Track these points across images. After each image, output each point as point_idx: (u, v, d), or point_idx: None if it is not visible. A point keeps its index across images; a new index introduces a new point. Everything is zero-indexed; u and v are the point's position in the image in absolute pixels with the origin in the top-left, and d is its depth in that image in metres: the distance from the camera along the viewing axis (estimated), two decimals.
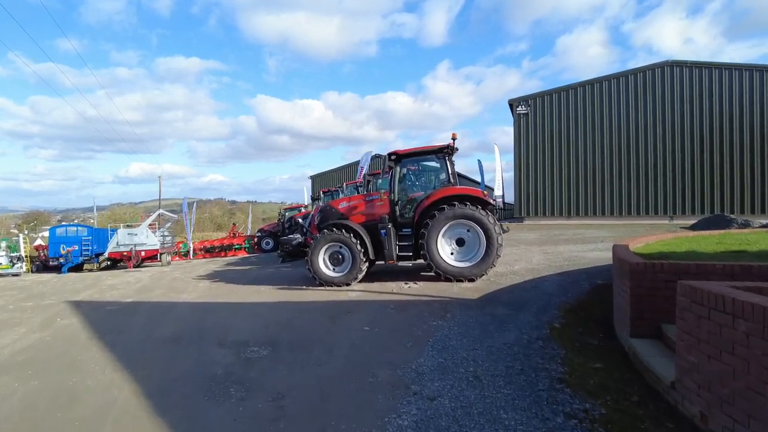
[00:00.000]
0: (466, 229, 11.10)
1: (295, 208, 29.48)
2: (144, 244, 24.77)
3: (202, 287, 12.63)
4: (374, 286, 10.86)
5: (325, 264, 11.40)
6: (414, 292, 9.89)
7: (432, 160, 11.57)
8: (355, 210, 11.77)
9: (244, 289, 11.64)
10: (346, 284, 11.17)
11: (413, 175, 11.94)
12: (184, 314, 9.27)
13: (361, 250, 11.05)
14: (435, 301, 8.91)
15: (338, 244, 11.28)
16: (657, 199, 20.16)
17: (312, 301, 9.51)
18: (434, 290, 9.93)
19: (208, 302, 10.29)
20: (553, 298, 8.89)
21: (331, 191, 23.26)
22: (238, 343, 6.89)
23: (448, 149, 11.26)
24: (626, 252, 7.22)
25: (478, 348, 6.14)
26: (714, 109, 19.31)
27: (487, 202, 11.00)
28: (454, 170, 11.42)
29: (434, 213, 10.78)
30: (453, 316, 7.71)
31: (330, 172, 38.88)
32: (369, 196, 11.90)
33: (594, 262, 12.37)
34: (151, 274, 17.54)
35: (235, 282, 13.14)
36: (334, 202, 12.10)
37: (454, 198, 10.87)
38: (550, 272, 11.48)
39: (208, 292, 11.63)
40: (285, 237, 12.30)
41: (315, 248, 11.23)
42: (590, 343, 6.20)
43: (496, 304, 8.53)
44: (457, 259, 11.12)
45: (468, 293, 9.53)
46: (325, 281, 11.20)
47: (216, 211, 71.89)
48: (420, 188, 11.76)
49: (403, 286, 10.59)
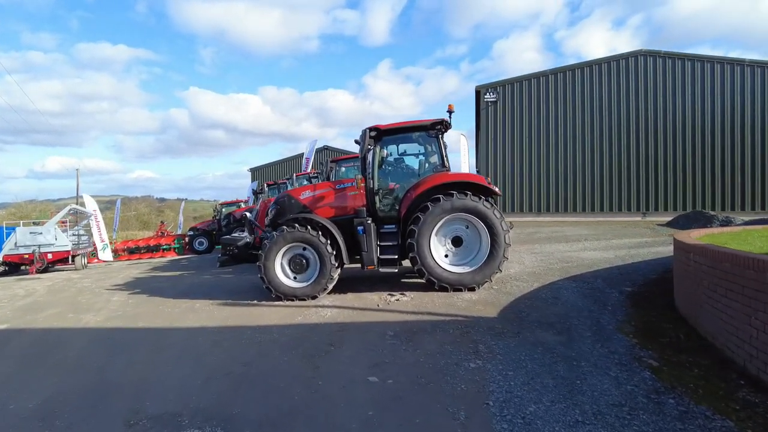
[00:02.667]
0: (465, 226, 8.70)
1: (232, 204, 26.01)
2: (51, 245, 20.37)
3: (116, 303, 9.39)
4: (349, 299, 8.20)
5: (284, 271, 8.60)
6: (407, 307, 7.35)
7: (420, 139, 9.09)
8: (322, 201, 9.06)
9: (174, 306, 8.56)
10: (312, 297, 8.43)
11: (397, 158, 9.40)
12: (79, 354, 6.05)
13: (332, 253, 8.35)
14: (446, 322, 6.41)
15: (301, 245, 8.52)
16: (630, 196, 18.82)
17: (273, 326, 6.62)
18: (433, 305, 7.44)
19: (121, 329, 7.13)
20: (594, 315, 6.66)
21: (278, 184, 20.23)
22: (164, 419, 3.95)
23: (442, 125, 8.81)
24: None
25: (579, 415, 3.64)
26: (687, 101, 18.17)
27: (490, 191, 8.68)
28: (446, 152, 9.01)
29: (427, 205, 8.29)
30: (490, 349, 5.22)
31: (271, 164, 35.51)
32: (340, 184, 9.22)
33: (597, 264, 10.41)
34: (53, 282, 13.72)
35: (161, 294, 10.01)
36: (295, 192, 9.32)
37: (450, 186, 8.45)
38: (555, 277, 9.35)
39: (123, 311, 8.44)
40: (228, 236, 9.40)
41: (270, 250, 8.40)
42: (740, 396, 3.89)
43: (530, 325, 6.17)
44: (453, 262, 8.69)
45: (481, 308, 7.13)
46: (285, 294, 8.39)
47: (143, 208, 65.62)
48: (404, 175, 9.22)
49: (389, 298, 8.01)
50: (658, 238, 14.27)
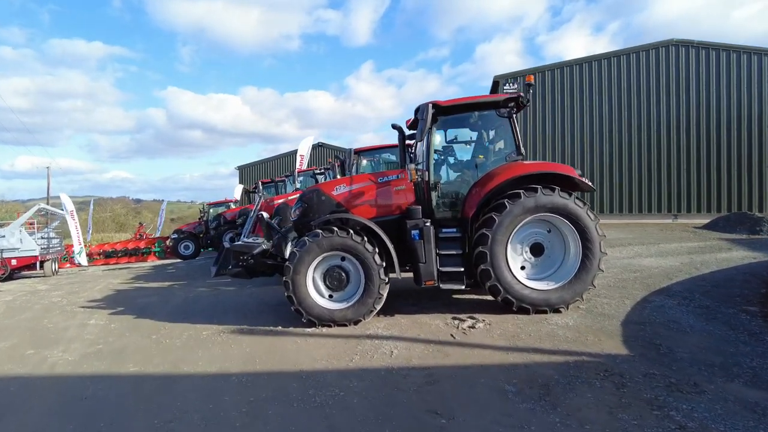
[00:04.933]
0: (546, 229, 6.79)
1: (221, 204, 23.59)
2: (15, 249, 17.68)
3: (93, 328, 7.13)
4: (405, 325, 6.13)
5: (316, 287, 6.56)
6: (495, 339, 5.32)
7: (487, 119, 7.13)
8: (361, 198, 7.02)
9: (172, 335, 6.32)
10: (355, 322, 6.41)
11: (456, 143, 7.41)
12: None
13: (381, 264, 6.37)
14: (572, 365, 4.37)
15: (340, 255, 6.48)
16: (660, 196, 17.08)
17: (325, 372, 4.55)
18: (527, 335, 5.42)
19: (103, 377, 4.84)
20: (755, 348, 4.89)
21: (275, 182, 18.04)
22: None
23: (517, 102, 6.91)
24: None
25: None
26: (722, 94, 16.40)
27: (580, 186, 6.81)
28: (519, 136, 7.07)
29: (503, 203, 6.34)
30: (688, 417, 3.31)
31: (260, 162, 33.03)
32: (382, 177, 7.21)
33: (671, 274, 8.64)
34: (14, 297, 11.13)
35: (152, 314, 7.76)
36: (326, 186, 7.25)
37: (531, 179, 6.54)
38: (640, 291, 7.50)
39: (103, 342, 6.15)
40: (241, 242, 7.29)
41: (301, 261, 6.31)
42: None
43: (692, 369, 4.23)
44: (531, 275, 6.76)
45: (595, 340, 5.17)
46: (319, 318, 6.28)
47: (119, 209, 61.91)
48: (467, 165, 7.23)
49: (461, 325, 6.03)
50: (707, 242, 12.65)
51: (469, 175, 6.88)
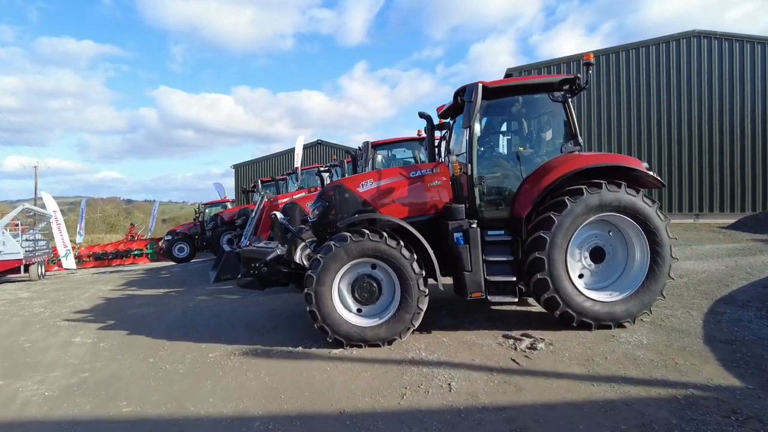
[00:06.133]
0: (607, 231, 5.86)
1: (217, 204, 22.43)
2: None
3: (78, 348, 6.03)
4: (452, 346, 5.06)
5: (342, 300, 5.57)
6: (566, 365, 4.31)
7: (540, 103, 6.16)
8: (391, 195, 6.00)
9: (173, 358, 5.26)
10: (389, 342, 5.44)
11: (505, 133, 6.44)
12: None
13: (420, 273, 5.39)
14: (680, 402, 3.42)
15: (370, 262, 5.51)
16: (681, 195, 16.05)
17: (368, 415, 3.53)
18: (602, 358, 4.48)
19: (87, 422, 3.80)
20: None
21: (276, 180, 16.98)
22: None
23: (574, 85, 5.95)
24: None
25: None
26: (746, 89, 15.36)
27: (648, 182, 5.86)
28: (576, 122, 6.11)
29: (563, 200, 5.36)
30: None
31: (257, 161, 31.78)
32: (415, 171, 6.22)
33: (725, 280, 7.79)
34: None
35: (147, 330, 6.68)
36: (350, 182, 6.21)
37: (592, 173, 5.59)
38: (702, 300, 6.60)
39: (90, 369, 5.01)
40: (253, 247, 6.24)
41: (326, 270, 5.28)
42: None
43: None
44: (590, 285, 5.82)
45: (684, 363, 4.26)
46: (348, 337, 5.20)
47: (110, 209, 60.20)
48: (512, 157, 6.24)
49: (518, 345, 5.06)
50: (741, 243, 11.80)
51: (517, 169, 5.90)
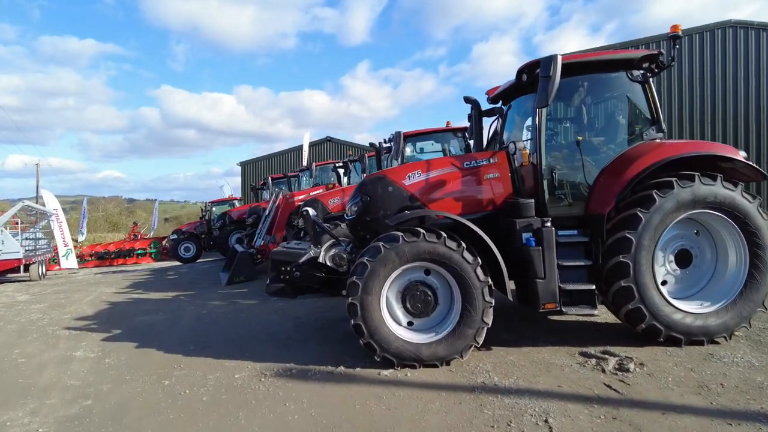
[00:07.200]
0: (694, 231, 5.04)
1: (225, 202, 21.52)
2: None
3: (80, 364, 5.12)
4: (523, 367, 4.22)
5: (391, 313, 4.73)
6: (680, 396, 3.44)
7: (614, 83, 5.31)
8: (442, 188, 5.14)
9: (191, 379, 4.34)
10: (447, 361, 4.61)
11: (575, 117, 5.58)
12: None
13: (485, 281, 4.57)
14: None
15: (424, 266, 4.67)
16: None
17: None
18: (724, 388, 3.49)
19: None
20: None
21: (288, 177, 16.14)
22: None
23: (656, 63, 5.12)
24: None
25: None
26: None
27: (744, 174, 5.03)
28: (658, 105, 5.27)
29: (651, 194, 4.52)
30: None
31: (264, 158, 30.76)
32: (469, 161, 5.38)
33: None
34: None
35: (158, 342, 5.79)
36: (394, 173, 5.32)
37: (677, 164, 4.75)
38: None
39: (93, 393, 4.17)
40: (283, 248, 5.41)
41: (373, 276, 4.36)
42: None
43: None
44: (675, 293, 4.98)
45: None
46: (400, 356, 4.33)
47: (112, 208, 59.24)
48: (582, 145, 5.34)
49: (608, 369, 4.26)
50: None
51: (592, 159, 5.06)
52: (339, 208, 9.49)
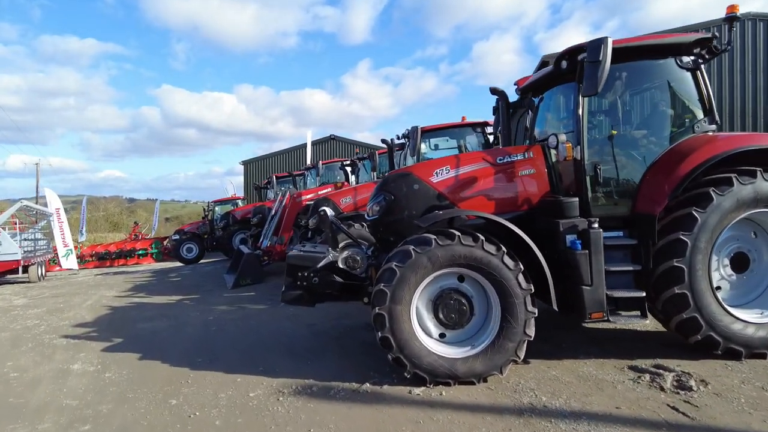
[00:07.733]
0: (752, 232, 4.60)
1: (228, 201, 21.04)
2: None
3: (76, 380, 4.65)
4: (572, 385, 3.82)
5: (421, 323, 4.29)
6: (761, 422, 3.15)
7: (662, 70, 4.86)
8: (473, 186, 4.69)
9: (201, 400, 3.88)
10: (485, 379, 4.16)
11: (618, 108, 5.12)
12: None
13: (528, 289, 4.11)
14: None
15: (458, 272, 4.23)
16: None
17: None
18: None
19: None
20: None
21: (294, 176, 15.68)
22: None
23: (708, 48, 4.67)
24: None
25: None
26: None
27: None
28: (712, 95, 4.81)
29: (707, 192, 4.07)
30: None
31: (267, 156, 30.24)
32: (502, 156, 4.93)
33: None
34: None
35: (162, 352, 5.33)
36: (420, 170, 4.88)
37: (730, 160, 4.29)
38: None
39: (90, 418, 3.71)
40: (299, 252, 4.98)
41: (403, 283, 3.91)
42: None
43: None
44: (731, 302, 4.52)
45: None
46: (433, 372, 3.88)
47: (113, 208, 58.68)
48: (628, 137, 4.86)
49: (667, 387, 3.81)
50: None
51: (637, 153, 4.62)
52: (351, 207, 9.03)
